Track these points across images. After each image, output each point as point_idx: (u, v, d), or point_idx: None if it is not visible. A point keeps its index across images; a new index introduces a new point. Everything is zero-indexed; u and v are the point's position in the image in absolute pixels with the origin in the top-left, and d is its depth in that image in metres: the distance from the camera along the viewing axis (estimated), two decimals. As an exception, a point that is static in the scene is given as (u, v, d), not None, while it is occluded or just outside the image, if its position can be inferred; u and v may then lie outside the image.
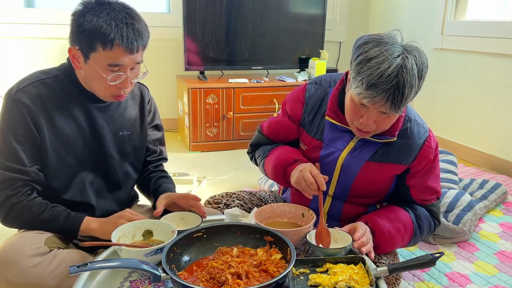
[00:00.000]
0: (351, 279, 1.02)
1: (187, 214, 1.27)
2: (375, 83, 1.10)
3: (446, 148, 3.19)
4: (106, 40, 1.15)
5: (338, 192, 1.40)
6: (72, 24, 1.19)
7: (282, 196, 1.59)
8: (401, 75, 1.10)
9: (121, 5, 1.20)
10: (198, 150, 3.27)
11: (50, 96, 1.24)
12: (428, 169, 1.35)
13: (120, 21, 1.16)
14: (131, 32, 1.17)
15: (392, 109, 1.14)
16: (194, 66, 3.35)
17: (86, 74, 1.24)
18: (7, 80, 3.20)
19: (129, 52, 1.18)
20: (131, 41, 1.17)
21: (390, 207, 1.38)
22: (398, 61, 1.10)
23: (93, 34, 1.15)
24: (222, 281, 0.98)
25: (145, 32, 1.22)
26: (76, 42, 1.20)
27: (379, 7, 4.02)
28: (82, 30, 1.16)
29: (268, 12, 3.46)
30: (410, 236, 1.35)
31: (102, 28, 1.14)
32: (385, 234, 1.29)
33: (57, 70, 1.30)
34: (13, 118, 1.21)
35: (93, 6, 1.17)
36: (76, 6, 1.20)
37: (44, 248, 1.19)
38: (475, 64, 3.08)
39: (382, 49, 1.11)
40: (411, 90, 1.12)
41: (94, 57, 1.18)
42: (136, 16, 1.22)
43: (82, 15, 1.17)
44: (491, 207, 2.30)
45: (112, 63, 1.18)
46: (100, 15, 1.15)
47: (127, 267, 0.97)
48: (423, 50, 1.17)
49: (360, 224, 1.27)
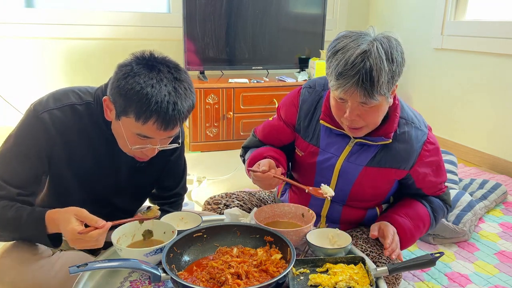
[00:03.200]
0: (351, 279, 1.02)
1: (187, 214, 1.27)
2: (342, 72, 1.11)
3: (446, 148, 3.19)
4: (141, 114, 1.03)
5: (337, 197, 1.39)
6: (114, 77, 1.07)
7: (280, 198, 1.58)
8: (366, 60, 1.09)
9: (171, 75, 1.06)
10: (198, 150, 3.27)
11: (76, 124, 1.16)
12: (434, 170, 1.36)
13: (164, 97, 1.02)
14: (172, 112, 1.04)
15: (366, 95, 1.12)
16: (194, 66, 3.35)
17: (114, 128, 1.14)
18: (7, 80, 3.21)
19: (163, 130, 1.06)
20: (168, 120, 1.05)
21: (408, 203, 1.40)
22: (362, 48, 1.10)
23: (130, 101, 1.03)
24: (222, 281, 0.98)
25: (189, 108, 1.09)
26: (112, 96, 1.08)
27: (379, 7, 4.02)
28: (120, 91, 1.04)
29: (268, 12, 3.46)
30: (427, 230, 1.42)
31: (141, 100, 1.02)
32: (407, 234, 1.34)
33: (90, 95, 1.19)
34: (28, 137, 1.13)
35: (140, 69, 1.04)
36: (127, 59, 1.08)
37: (47, 251, 1.20)
38: (475, 64, 3.08)
39: (348, 41, 1.13)
40: (381, 73, 1.10)
41: (125, 121, 1.08)
42: (184, 90, 1.07)
43: (125, 75, 1.04)
44: (491, 207, 2.30)
45: (142, 134, 1.08)
46: (144, 83, 1.02)
47: (127, 267, 0.97)
48: (398, 38, 1.16)
49: (387, 227, 1.30)
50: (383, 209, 1.46)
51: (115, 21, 3.36)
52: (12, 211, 1.11)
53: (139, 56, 1.07)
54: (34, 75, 3.27)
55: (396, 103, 1.28)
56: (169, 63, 1.08)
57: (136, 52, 1.09)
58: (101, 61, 3.40)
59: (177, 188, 1.46)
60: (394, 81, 1.15)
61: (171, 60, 1.10)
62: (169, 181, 1.43)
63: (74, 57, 3.31)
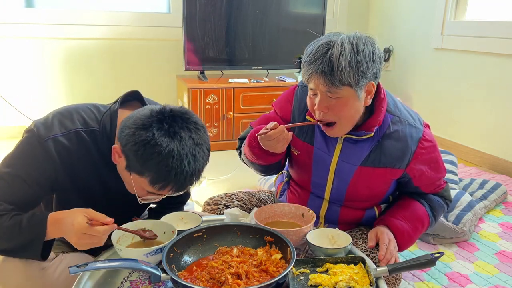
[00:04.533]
0: (351, 279, 1.02)
1: (187, 214, 1.27)
2: (306, 61, 1.19)
3: (446, 148, 3.19)
4: (158, 182, 1.02)
5: (334, 197, 1.40)
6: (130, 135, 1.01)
7: (279, 198, 1.58)
8: (327, 49, 1.15)
9: (192, 141, 1.02)
10: (198, 150, 3.27)
11: (80, 151, 1.13)
12: (432, 167, 1.36)
13: (183, 168, 1.00)
14: (189, 180, 1.03)
15: (327, 82, 1.15)
16: (194, 66, 3.35)
17: (121, 172, 1.11)
18: (7, 80, 3.21)
19: (177, 192, 1.07)
20: (184, 187, 1.06)
21: (406, 204, 1.40)
22: (326, 39, 1.17)
23: (147, 168, 1.01)
24: (222, 281, 0.98)
25: (204, 167, 1.07)
26: (126, 154, 1.03)
27: (379, 7, 4.02)
28: (138, 156, 1.00)
29: (268, 12, 3.46)
30: (426, 229, 1.42)
31: (160, 171, 1.00)
32: (405, 237, 1.34)
33: (95, 121, 1.15)
34: (29, 162, 1.10)
35: (161, 137, 0.99)
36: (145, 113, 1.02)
37: (51, 253, 1.19)
38: (475, 64, 3.08)
39: (316, 40, 1.21)
40: (342, 60, 1.13)
41: (137, 178, 1.05)
42: (203, 154, 1.05)
43: (145, 142, 0.99)
44: (491, 207, 2.30)
45: (154, 193, 1.08)
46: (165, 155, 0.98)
47: (127, 267, 0.97)
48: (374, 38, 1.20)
49: (383, 235, 1.31)
50: (382, 209, 1.45)
51: (115, 21, 3.36)
52: (6, 218, 1.06)
53: (159, 117, 1.01)
54: (34, 75, 3.27)
55: (382, 97, 1.28)
56: (189, 124, 1.04)
57: (154, 110, 1.03)
58: (101, 61, 3.40)
59: (181, 196, 1.43)
60: (361, 72, 1.15)
61: (191, 117, 1.06)
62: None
63: (74, 57, 3.31)
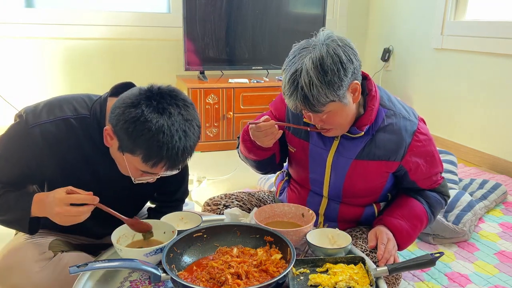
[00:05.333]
0: (351, 279, 1.02)
1: (187, 214, 1.27)
2: (284, 92, 1.23)
3: (446, 148, 3.19)
4: (150, 159, 1.02)
5: (332, 193, 1.41)
6: (120, 114, 1.02)
7: (279, 197, 1.59)
8: (296, 80, 1.17)
9: (182, 117, 1.03)
10: (198, 150, 3.27)
11: (69, 138, 1.13)
12: (428, 160, 1.36)
13: (174, 144, 1.01)
14: (181, 157, 1.04)
15: (310, 109, 1.20)
16: (194, 66, 3.35)
17: (114, 154, 1.12)
18: (7, 80, 3.21)
19: (170, 170, 1.07)
20: (177, 164, 1.06)
21: (404, 202, 1.40)
22: (294, 67, 1.18)
23: (139, 146, 1.01)
24: (222, 281, 0.98)
25: (195, 144, 1.07)
26: (118, 133, 1.03)
27: (379, 7, 4.02)
28: (129, 134, 1.01)
29: (268, 12, 3.46)
30: (425, 227, 1.43)
31: (151, 147, 1.00)
32: (404, 235, 1.35)
33: (86, 109, 1.15)
34: (15, 148, 1.11)
35: (150, 113, 0.99)
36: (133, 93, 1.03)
37: (49, 253, 1.19)
38: (475, 64, 3.08)
39: (290, 59, 1.22)
40: (313, 88, 1.15)
41: (130, 158, 1.05)
42: (193, 130, 1.05)
43: (135, 119, 0.99)
44: (491, 207, 2.30)
45: (147, 172, 1.07)
46: (155, 130, 0.99)
47: (127, 267, 0.97)
48: (344, 40, 1.20)
49: (382, 234, 1.32)
50: (382, 207, 1.46)
51: (115, 21, 3.36)
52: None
53: (148, 95, 1.02)
54: (34, 75, 3.27)
55: (373, 95, 1.29)
56: (178, 101, 1.04)
57: (142, 88, 1.05)
58: (101, 61, 3.39)
59: (178, 193, 1.45)
60: (336, 87, 1.16)
61: (179, 95, 1.06)
62: (170, 187, 1.42)
63: (73, 57, 3.31)
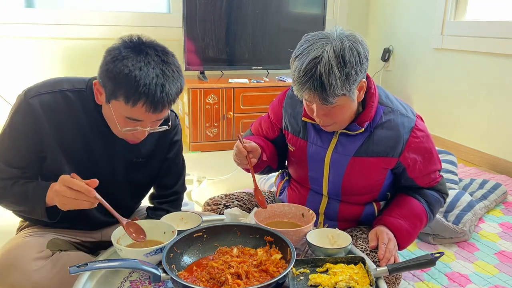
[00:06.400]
0: (351, 279, 1.02)
1: (187, 214, 1.27)
2: (296, 79, 1.17)
3: (446, 148, 3.19)
4: (130, 97, 1.04)
5: (331, 191, 1.41)
6: (103, 61, 1.08)
7: (279, 197, 1.59)
8: (316, 67, 1.13)
9: (159, 58, 1.07)
10: (198, 150, 3.27)
11: (66, 110, 1.17)
12: (426, 157, 1.36)
13: (151, 80, 1.04)
14: (160, 94, 1.05)
15: (321, 99, 1.17)
16: (194, 66, 3.35)
17: (105, 111, 1.16)
18: (7, 80, 3.20)
19: (152, 112, 1.08)
20: (157, 102, 1.06)
21: (403, 201, 1.41)
22: (313, 54, 1.14)
23: (119, 84, 1.04)
24: (222, 281, 0.98)
25: (177, 90, 1.10)
26: (102, 80, 1.09)
27: (379, 7, 4.02)
28: (109, 75, 1.05)
29: (268, 12, 3.46)
30: (425, 225, 1.43)
31: (129, 82, 1.03)
32: (404, 235, 1.35)
33: (83, 84, 1.21)
34: (20, 121, 1.15)
35: (128, 52, 1.05)
36: (114, 43, 1.09)
37: (47, 252, 1.19)
38: (475, 64, 3.08)
39: (305, 46, 1.17)
40: (331, 78, 1.13)
41: (114, 104, 1.09)
42: (172, 72, 1.08)
43: (114, 59, 1.05)
44: (491, 207, 2.30)
45: (131, 117, 1.09)
46: (132, 66, 1.03)
47: (127, 267, 0.97)
48: (358, 37, 1.18)
49: (382, 234, 1.32)
50: (381, 206, 1.46)
51: (115, 21, 3.36)
52: (18, 186, 1.15)
53: (126, 40, 1.08)
54: (34, 75, 3.27)
55: (372, 92, 1.30)
56: (156, 47, 1.09)
57: (124, 36, 1.10)
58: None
59: (176, 186, 1.46)
60: (352, 81, 1.16)
61: (159, 44, 1.11)
62: (167, 180, 1.43)
63: (74, 57, 3.30)
